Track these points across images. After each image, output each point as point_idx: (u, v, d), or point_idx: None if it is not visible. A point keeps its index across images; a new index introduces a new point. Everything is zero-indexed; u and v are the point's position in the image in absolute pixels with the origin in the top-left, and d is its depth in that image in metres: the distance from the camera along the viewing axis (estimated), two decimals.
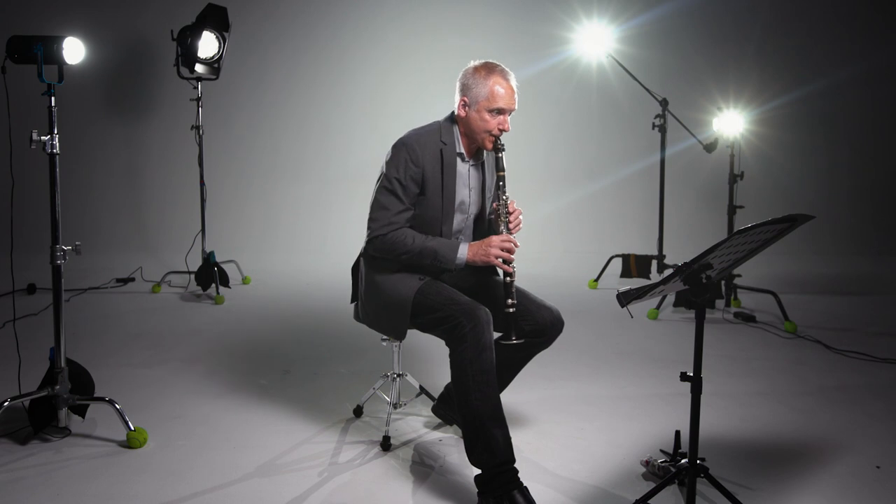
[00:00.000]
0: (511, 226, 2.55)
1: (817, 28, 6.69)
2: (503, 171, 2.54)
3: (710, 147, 4.92)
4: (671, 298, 4.91)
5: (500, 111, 2.50)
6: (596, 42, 5.38)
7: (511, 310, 2.47)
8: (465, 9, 6.49)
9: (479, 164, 2.67)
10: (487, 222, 2.72)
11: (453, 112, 2.60)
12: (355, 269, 2.74)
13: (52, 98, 2.64)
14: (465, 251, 2.49)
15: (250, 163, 6.60)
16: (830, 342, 4.05)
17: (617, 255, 5.60)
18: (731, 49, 6.63)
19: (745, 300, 4.93)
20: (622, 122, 6.60)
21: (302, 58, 6.54)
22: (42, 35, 2.64)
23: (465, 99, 2.53)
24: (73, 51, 2.65)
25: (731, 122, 4.65)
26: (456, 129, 2.59)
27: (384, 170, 2.54)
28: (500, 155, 2.54)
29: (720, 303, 4.80)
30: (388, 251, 2.51)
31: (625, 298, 1.98)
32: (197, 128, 5.18)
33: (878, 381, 3.47)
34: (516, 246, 2.50)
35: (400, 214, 2.50)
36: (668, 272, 5.06)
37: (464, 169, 2.61)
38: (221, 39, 5.08)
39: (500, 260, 2.48)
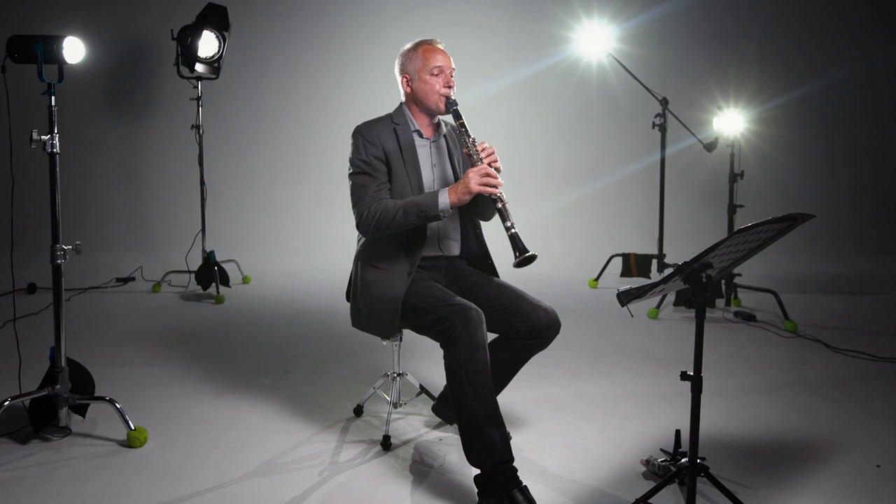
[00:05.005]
0: (486, 161, 2.46)
1: (817, 28, 6.70)
2: (461, 118, 2.53)
3: (710, 146, 4.92)
4: (671, 297, 4.91)
5: (440, 70, 2.57)
6: (596, 41, 5.38)
7: (513, 230, 2.39)
8: (465, 9, 6.49)
9: (441, 139, 2.70)
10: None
11: (401, 102, 2.69)
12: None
13: (52, 98, 2.64)
14: (445, 195, 2.44)
15: (250, 163, 6.60)
16: (831, 341, 4.05)
17: (617, 255, 5.60)
18: (732, 49, 6.63)
19: (746, 299, 4.93)
20: (622, 121, 6.60)
21: (302, 58, 6.55)
22: (42, 35, 2.63)
23: (406, 76, 2.64)
24: (73, 50, 2.65)
25: (731, 122, 4.65)
26: (406, 110, 2.67)
27: (349, 160, 2.59)
28: (454, 109, 2.55)
29: (720, 302, 4.80)
30: (377, 225, 2.48)
31: (625, 297, 1.98)
32: (197, 127, 5.18)
33: (878, 381, 3.47)
34: (497, 171, 2.43)
35: (378, 191, 2.53)
36: (668, 271, 5.06)
37: (423, 148, 2.65)
38: (221, 39, 5.09)
39: (486, 187, 2.40)
